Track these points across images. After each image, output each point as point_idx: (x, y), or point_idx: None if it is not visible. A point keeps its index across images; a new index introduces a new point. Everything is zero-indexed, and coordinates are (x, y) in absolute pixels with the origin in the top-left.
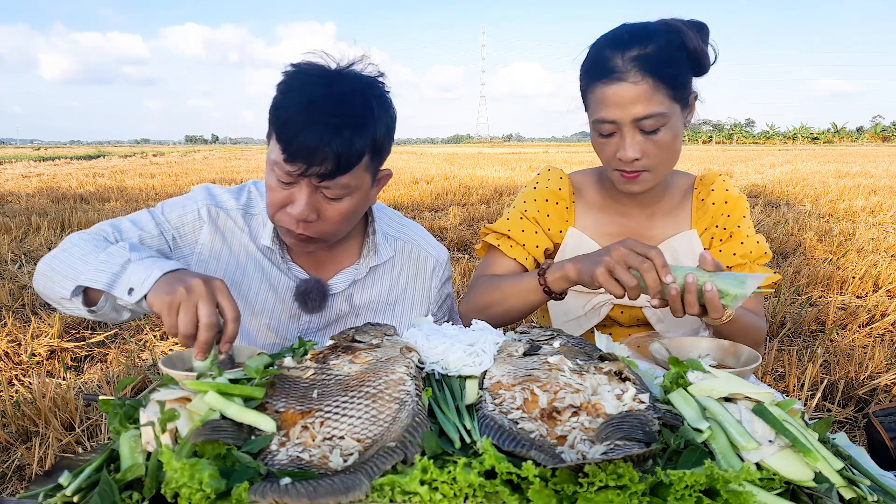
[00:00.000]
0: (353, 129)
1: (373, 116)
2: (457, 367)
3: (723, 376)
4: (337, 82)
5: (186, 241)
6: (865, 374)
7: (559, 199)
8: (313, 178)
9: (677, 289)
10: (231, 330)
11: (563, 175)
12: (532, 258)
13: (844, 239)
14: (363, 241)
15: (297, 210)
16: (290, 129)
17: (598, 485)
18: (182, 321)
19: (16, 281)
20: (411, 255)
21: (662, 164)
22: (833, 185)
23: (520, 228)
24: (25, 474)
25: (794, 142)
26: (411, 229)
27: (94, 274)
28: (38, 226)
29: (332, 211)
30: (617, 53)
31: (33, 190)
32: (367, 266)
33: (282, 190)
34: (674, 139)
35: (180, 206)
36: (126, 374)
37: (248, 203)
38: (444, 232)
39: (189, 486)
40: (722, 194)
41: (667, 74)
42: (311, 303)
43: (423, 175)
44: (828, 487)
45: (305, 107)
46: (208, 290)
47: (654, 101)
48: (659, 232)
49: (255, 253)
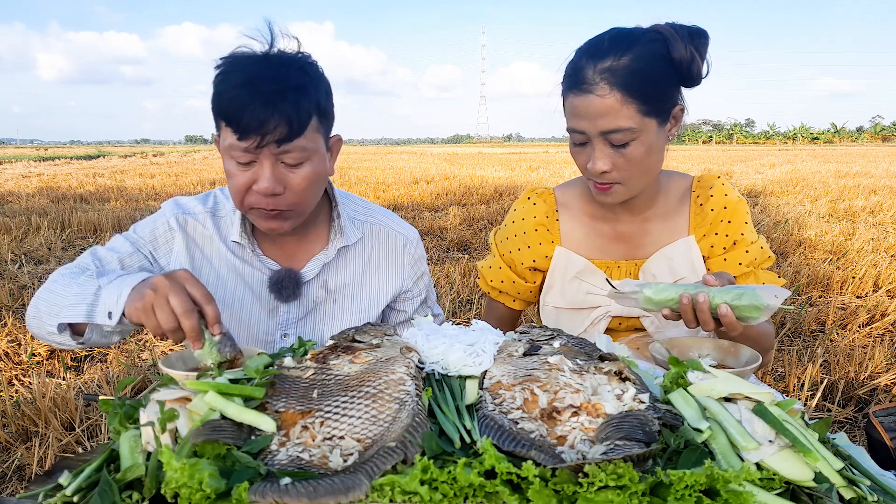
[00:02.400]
0: (296, 90)
1: (311, 80)
2: (457, 367)
3: (723, 376)
4: (268, 58)
5: (162, 253)
6: (865, 374)
7: (538, 226)
8: (271, 146)
9: (689, 297)
10: (210, 311)
11: (540, 198)
12: (520, 300)
13: (844, 239)
14: (330, 226)
15: (264, 184)
16: (235, 107)
17: (598, 485)
18: (161, 318)
19: (16, 281)
20: (380, 235)
21: (635, 179)
22: (833, 185)
23: (509, 280)
24: (25, 474)
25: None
26: (379, 212)
27: (71, 309)
28: (38, 226)
29: (297, 179)
30: (590, 63)
31: (33, 190)
32: (335, 248)
33: (243, 172)
34: (646, 154)
35: (151, 222)
36: (126, 374)
37: (215, 206)
38: (444, 232)
39: (189, 486)
40: (721, 199)
41: (637, 89)
42: (286, 291)
43: (423, 175)
44: (828, 487)
45: (245, 83)
46: (173, 282)
47: (621, 116)
48: (655, 238)
49: (227, 253)
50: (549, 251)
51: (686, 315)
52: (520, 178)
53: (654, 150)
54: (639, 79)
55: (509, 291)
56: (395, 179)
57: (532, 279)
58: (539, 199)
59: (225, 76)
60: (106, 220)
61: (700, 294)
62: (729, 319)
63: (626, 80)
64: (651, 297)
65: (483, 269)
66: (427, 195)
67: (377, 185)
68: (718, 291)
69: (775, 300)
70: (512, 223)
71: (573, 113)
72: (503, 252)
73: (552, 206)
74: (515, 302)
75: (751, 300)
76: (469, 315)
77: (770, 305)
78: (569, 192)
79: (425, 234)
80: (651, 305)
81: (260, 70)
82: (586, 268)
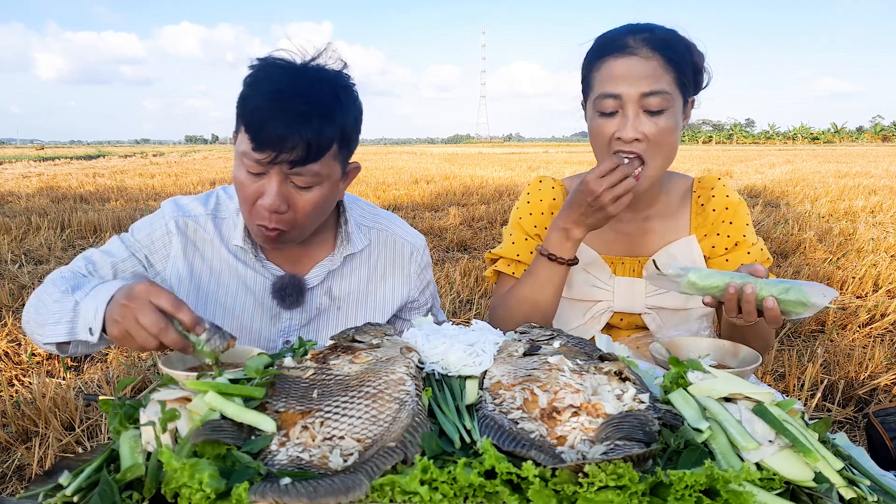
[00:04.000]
0: (322, 117)
1: (340, 106)
2: (457, 367)
3: (723, 376)
4: (303, 73)
5: (158, 258)
6: (865, 374)
7: (553, 209)
8: (283, 165)
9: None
10: (184, 318)
11: (554, 183)
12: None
13: (844, 239)
14: (336, 232)
15: (268, 200)
16: (258, 117)
17: (598, 485)
18: (141, 341)
19: (16, 281)
20: (387, 242)
21: (659, 157)
22: (833, 185)
23: (528, 250)
24: (25, 474)
25: (794, 142)
26: (386, 218)
27: (53, 328)
28: (38, 226)
29: (303, 201)
30: (629, 34)
31: (33, 190)
32: (341, 255)
33: (252, 183)
34: (673, 129)
35: (149, 225)
36: (126, 374)
37: (217, 207)
38: (444, 232)
39: (189, 486)
40: (723, 200)
41: (677, 57)
42: (289, 298)
43: (423, 175)
44: (828, 487)
45: (273, 96)
46: (137, 302)
47: (662, 79)
48: (657, 237)
49: (228, 257)
50: None
51: (730, 303)
52: (520, 178)
53: (677, 129)
54: (676, 50)
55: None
56: (395, 179)
57: None
58: (552, 182)
59: (255, 81)
60: (106, 220)
61: (747, 285)
62: (774, 313)
63: (667, 47)
64: (696, 281)
65: (496, 252)
66: (427, 195)
67: (377, 184)
68: (766, 283)
69: (823, 299)
70: (528, 203)
71: (609, 77)
72: (525, 226)
73: (563, 194)
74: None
75: (797, 296)
76: (469, 315)
77: (816, 304)
78: (574, 184)
79: (425, 234)
80: (693, 290)
81: (291, 84)
82: (595, 261)
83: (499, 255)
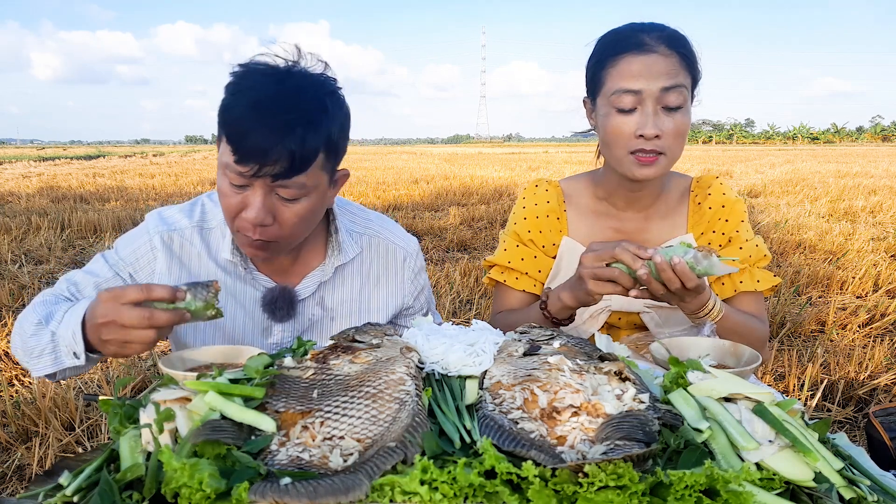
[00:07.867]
0: (306, 126)
1: (326, 114)
2: (457, 367)
3: (723, 376)
4: (287, 80)
5: (143, 276)
6: (865, 374)
7: (549, 212)
8: (267, 178)
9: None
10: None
11: (549, 186)
12: (539, 283)
13: (844, 239)
14: (327, 241)
15: (252, 214)
16: (239, 128)
17: (598, 485)
18: (139, 341)
19: (16, 281)
20: (379, 249)
21: (675, 150)
22: (833, 185)
23: (519, 257)
24: (25, 474)
25: (794, 142)
26: (377, 223)
27: (37, 361)
28: (38, 226)
29: (289, 213)
30: (641, 33)
31: (33, 190)
32: (332, 266)
33: (235, 194)
34: (687, 125)
35: (133, 241)
36: (126, 374)
37: (203, 218)
38: (444, 232)
39: (189, 486)
40: (719, 198)
41: (689, 58)
42: (280, 311)
43: (422, 175)
44: (828, 487)
45: (255, 105)
46: (110, 312)
47: (680, 75)
48: (655, 235)
49: (216, 271)
50: (556, 239)
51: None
52: (519, 178)
53: (688, 126)
54: (688, 48)
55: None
56: (394, 179)
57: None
58: (548, 186)
59: (236, 89)
60: (106, 220)
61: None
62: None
63: (681, 45)
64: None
65: (491, 260)
66: (427, 195)
67: (377, 185)
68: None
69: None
70: (523, 209)
71: (628, 74)
72: (519, 232)
73: (560, 197)
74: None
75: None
76: (469, 315)
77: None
78: (573, 185)
79: (425, 234)
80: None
81: (274, 92)
82: None
83: (493, 262)
